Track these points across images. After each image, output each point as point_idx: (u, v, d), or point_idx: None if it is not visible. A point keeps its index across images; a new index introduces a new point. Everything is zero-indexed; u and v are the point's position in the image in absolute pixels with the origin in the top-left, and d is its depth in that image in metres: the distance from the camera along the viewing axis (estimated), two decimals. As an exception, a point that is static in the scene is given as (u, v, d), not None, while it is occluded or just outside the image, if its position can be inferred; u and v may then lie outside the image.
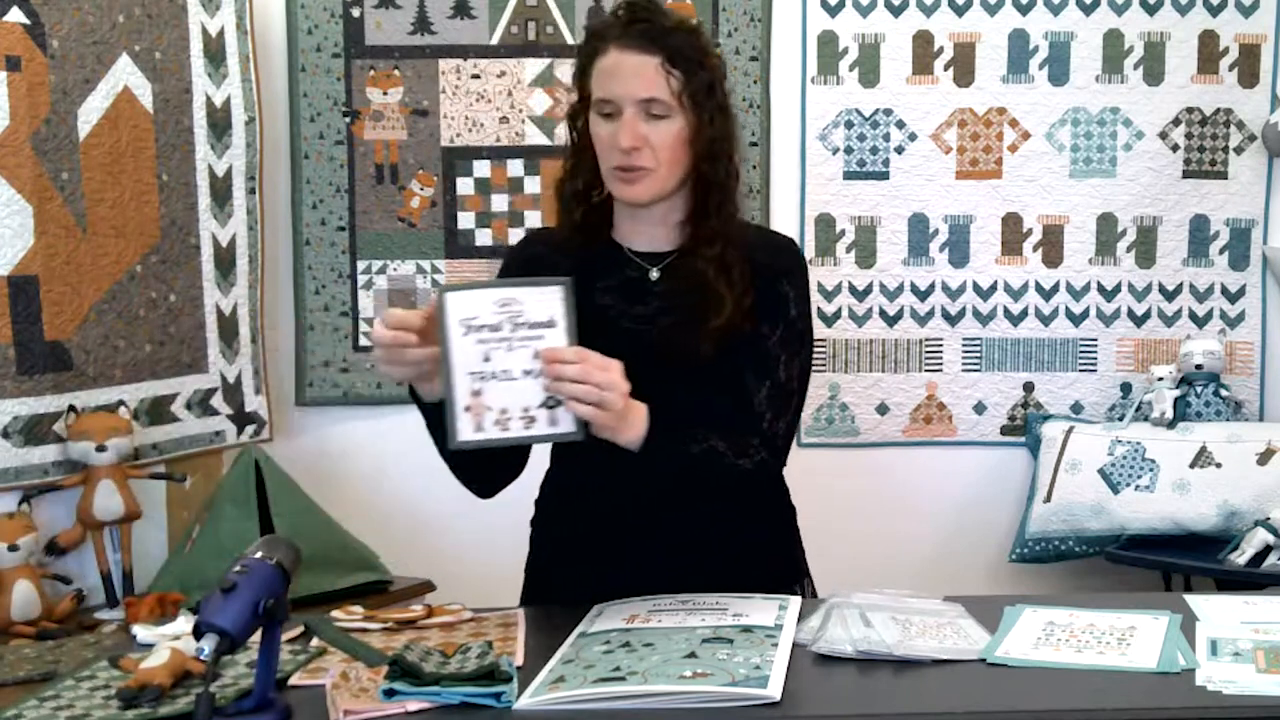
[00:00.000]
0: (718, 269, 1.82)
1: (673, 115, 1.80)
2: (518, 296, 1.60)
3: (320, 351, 3.51)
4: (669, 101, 1.79)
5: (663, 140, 1.80)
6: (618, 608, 1.75)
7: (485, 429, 1.60)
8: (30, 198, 2.71)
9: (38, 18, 2.73)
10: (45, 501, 2.82)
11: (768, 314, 1.86)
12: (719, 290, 1.81)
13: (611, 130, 1.81)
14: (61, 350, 2.79)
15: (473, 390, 1.59)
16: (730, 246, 1.84)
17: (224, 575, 1.39)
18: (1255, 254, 3.58)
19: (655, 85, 1.79)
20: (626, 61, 1.80)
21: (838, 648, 1.56)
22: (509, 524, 3.48)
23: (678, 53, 1.79)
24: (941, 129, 3.54)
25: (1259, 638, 1.57)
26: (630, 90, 1.79)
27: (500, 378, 1.59)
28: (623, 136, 1.79)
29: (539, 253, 1.93)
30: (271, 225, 3.39)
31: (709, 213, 1.85)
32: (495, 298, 1.60)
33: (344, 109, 3.45)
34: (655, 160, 1.80)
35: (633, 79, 1.79)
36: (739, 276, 1.83)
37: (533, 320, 1.60)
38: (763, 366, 1.84)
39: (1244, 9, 3.50)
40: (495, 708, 1.41)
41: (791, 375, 1.87)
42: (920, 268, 3.58)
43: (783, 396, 1.87)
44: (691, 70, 1.80)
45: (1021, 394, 3.62)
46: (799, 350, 1.89)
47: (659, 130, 1.80)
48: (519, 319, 1.60)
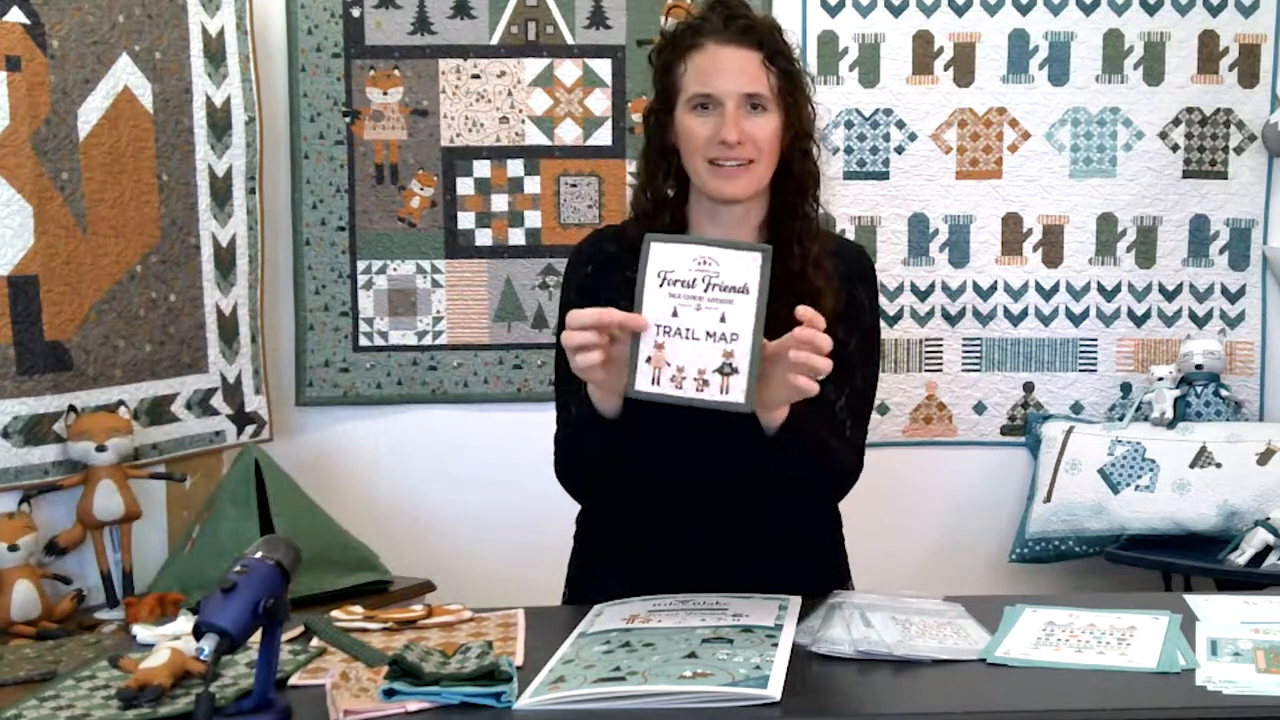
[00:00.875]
0: (814, 265, 1.82)
1: (771, 110, 1.81)
2: (717, 257, 1.57)
3: (320, 351, 3.51)
4: (770, 96, 1.81)
5: (764, 134, 1.81)
6: (618, 608, 1.75)
7: (661, 383, 1.58)
8: (30, 198, 2.71)
9: (38, 18, 2.73)
10: (45, 501, 2.83)
11: (847, 320, 1.85)
12: (816, 285, 1.80)
13: (711, 124, 1.80)
14: (61, 350, 2.79)
15: (657, 343, 1.58)
16: (818, 244, 1.85)
17: (224, 575, 1.39)
18: (1255, 254, 3.58)
19: (758, 80, 1.80)
20: (729, 56, 1.81)
21: (838, 648, 1.56)
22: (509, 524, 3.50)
23: (776, 49, 1.82)
24: (941, 129, 3.54)
25: (1259, 638, 1.57)
26: (735, 85, 1.80)
27: (684, 335, 1.57)
28: (729, 131, 1.78)
29: (613, 251, 1.89)
30: (271, 225, 3.40)
31: (795, 211, 1.87)
32: (695, 254, 1.58)
33: (344, 109, 3.45)
34: (757, 152, 1.81)
35: (737, 74, 1.80)
36: (830, 273, 1.84)
37: (726, 283, 1.57)
38: (843, 374, 1.82)
39: (1244, 9, 3.50)
40: (495, 708, 1.41)
41: (868, 383, 1.89)
42: (920, 268, 3.58)
43: (860, 404, 1.88)
44: (787, 67, 1.82)
45: (1021, 394, 3.62)
46: (871, 357, 1.91)
47: (760, 124, 1.81)
48: (714, 279, 1.57)
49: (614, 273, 1.84)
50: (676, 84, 1.84)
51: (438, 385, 3.53)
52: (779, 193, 1.88)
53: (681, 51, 1.84)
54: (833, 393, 1.83)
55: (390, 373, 3.52)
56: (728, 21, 1.83)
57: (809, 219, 1.88)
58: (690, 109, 1.82)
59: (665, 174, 1.88)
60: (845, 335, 1.84)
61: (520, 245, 3.50)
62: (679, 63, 1.84)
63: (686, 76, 1.83)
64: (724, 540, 1.87)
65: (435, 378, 3.53)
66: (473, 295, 3.52)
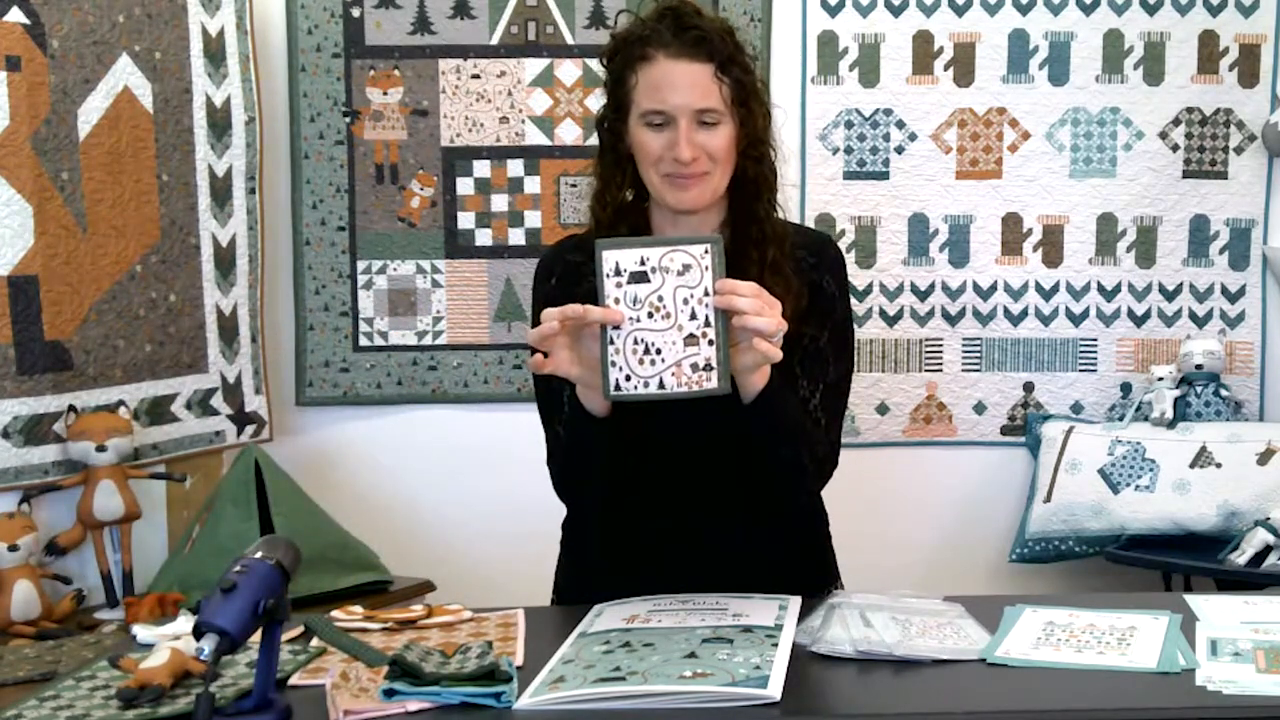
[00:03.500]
0: (770, 272, 1.80)
1: (725, 121, 1.78)
2: (669, 253, 1.60)
3: (320, 351, 3.51)
4: (722, 109, 1.78)
5: (718, 146, 1.78)
6: (618, 608, 1.75)
7: (635, 382, 1.61)
8: (30, 198, 2.71)
9: (38, 18, 2.73)
10: (45, 501, 2.83)
11: (816, 314, 1.84)
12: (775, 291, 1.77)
13: (664, 139, 1.78)
14: (61, 350, 2.79)
15: (623, 344, 1.60)
16: (776, 246, 1.83)
17: (224, 575, 1.39)
18: (1255, 254, 3.58)
19: (710, 94, 1.77)
20: (680, 72, 1.77)
21: (838, 648, 1.56)
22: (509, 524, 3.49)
23: (728, 59, 1.78)
24: (941, 129, 3.54)
25: (1259, 638, 1.57)
26: (687, 100, 1.76)
27: (649, 333, 1.60)
28: (682, 149, 1.76)
29: (577, 260, 1.88)
30: (271, 225, 3.40)
31: (752, 214, 1.84)
32: (647, 254, 1.60)
33: (344, 109, 3.45)
34: (711, 164, 1.79)
35: (689, 90, 1.76)
36: (789, 276, 1.82)
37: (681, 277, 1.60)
38: (815, 370, 1.83)
39: (1244, 9, 3.50)
40: (495, 708, 1.41)
41: (841, 376, 1.88)
42: (920, 268, 3.58)
43: (835, 399, 1.87)
44: (739, 75, 1.79)
45: (1021, 394, 3.62)
46: (845, 349, 1.89)
47: (713, 137, 1.78)
48: (668, 275, 1.60)
49: (579, 282, 1.82)
50: (629, 96, 1.81)
51: (438, 385, 3.53)
52: (736, 197, 1.86)
53: (632, 63, 1.79)
54: (806, 389, 1.83)
55: (390, 373, 3.53)
56: (678, 33, 1.78)
57: (764, 222, 1.85)
58: (643, 123, 1.80)
59: (621, 181, 1.87)
60: (816, 329, 1.84)
61: (520, 245, 3.50)
62: (630, 74, 1.80)
63: (638, 90, 1.79)
64: (706, 545, 1.87)
65: (435, 378, 3.53)
66: (473, 295, 3.52)
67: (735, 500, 1.87)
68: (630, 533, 1.90)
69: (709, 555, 1.86)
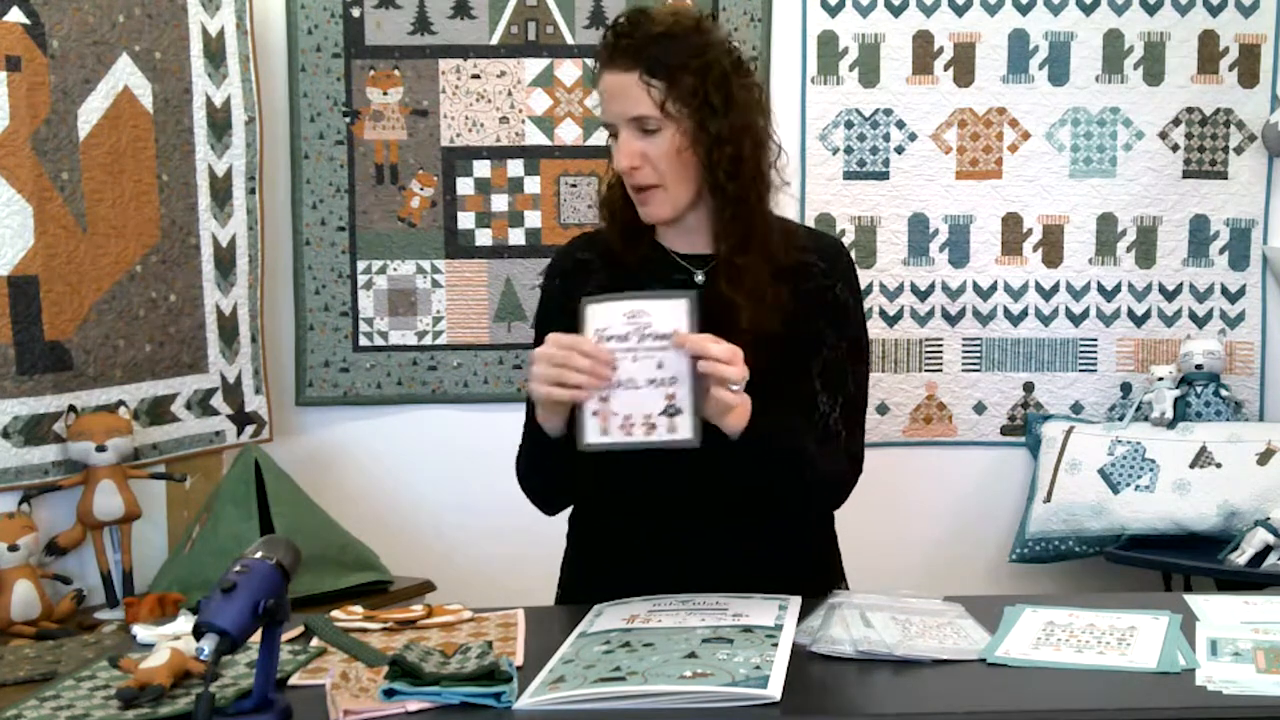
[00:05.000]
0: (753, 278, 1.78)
1: (663, 127, 1.76)
2: (646, 309, 1.66)
3: (320, 351, 3.51)
4: (654, 114, 1.75)
5: (659, 153, 1.77)
6: (618, 608, 1.75)
7: (611, 433, 1.65)
8: (30, 198, 2.71)
9: (38, 18, 2.73)
10: (45, 501, 2.83)
11: (832, 324, 1.84)
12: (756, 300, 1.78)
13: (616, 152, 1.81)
14: (61, 350, 2.79)
15: (601, 396, 1.65)
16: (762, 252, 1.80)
17: (224, 575, 1.39)
18: (1255, 254, 3.58)
19: (637, 101, 1.75)
20: (611, 83, 1.78)
21: (838, 648, 1.56)
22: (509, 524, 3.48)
23: (655, 62, 1.74)
24: (941, 129, 3.54)
25: (1259, 638, 1.57)
26: (619, 110, 1.78)
27: (626, 385, 1.65)
28: (618, 157, 1.79)
29: (587, 259, 1.91)
30: (271, 225, 3.40)
31: (731, 218, 1.80)
32: (626, 309, 1.66)
33: (344, 109, 3.45)
34: (659, 175, 1.78)
35: (618, 99, 1.77)
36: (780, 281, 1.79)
37: (658, 331, 1.65)
38: (834, 383, 1.83)
39: (1244, 9, 3.50)
40: (495, 708, 1.41)
41: (860, 387, 1.88)
42: (920, 268, 3.58)
43: (855, 410, 1.87)
44: (673, 76, 1.75)
45: (1021, 394, 3.62)
46: (861, 358, 1.89)
47: (653, 145, 1.77)
48: (646, 330, 1.65)
49: (586, 280, 1.84)
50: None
51: (438, 385, 3.53)
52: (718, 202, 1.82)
53: (597, 76, 1.83)
54: (826, 403, 1.83)
55: (390, 373, 3.53)
56: (613, 41, 1.78)
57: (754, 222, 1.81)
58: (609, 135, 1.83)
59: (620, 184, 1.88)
60: (833, 340, 1.84)
61: (520, 245, 3.50)
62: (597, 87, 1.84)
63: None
64: (714, 539, 1.86)
65: (435, 378, 3.53)
66: (473, 295, 3.52)
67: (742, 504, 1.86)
68: (637, 532, 1.89)
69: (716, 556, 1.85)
